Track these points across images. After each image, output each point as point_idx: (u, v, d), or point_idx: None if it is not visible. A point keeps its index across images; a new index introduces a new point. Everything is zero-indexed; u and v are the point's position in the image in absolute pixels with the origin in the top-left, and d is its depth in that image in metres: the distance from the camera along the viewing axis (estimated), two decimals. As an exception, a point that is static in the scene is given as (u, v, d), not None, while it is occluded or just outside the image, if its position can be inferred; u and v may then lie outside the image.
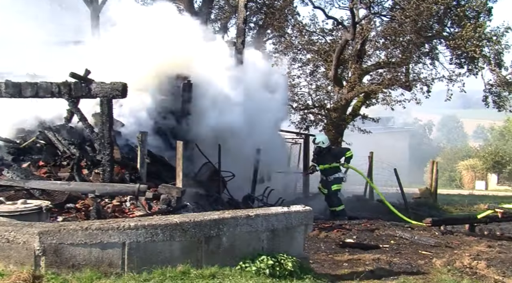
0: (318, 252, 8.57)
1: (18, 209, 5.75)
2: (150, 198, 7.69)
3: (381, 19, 18.86)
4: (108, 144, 8.09)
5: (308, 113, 21.59)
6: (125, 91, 8.09)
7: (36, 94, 8.17)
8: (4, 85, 8.13)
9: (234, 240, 5.65)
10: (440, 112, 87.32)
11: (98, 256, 5.11)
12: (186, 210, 7.66)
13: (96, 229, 5.11)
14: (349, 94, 19.24)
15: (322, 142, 12.69)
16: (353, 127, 21.56)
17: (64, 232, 5.07)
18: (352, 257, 8.19)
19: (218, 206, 9.69)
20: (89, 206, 7.33)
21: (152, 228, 5.23)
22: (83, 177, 8.24)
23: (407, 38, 17.45)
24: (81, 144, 9.09)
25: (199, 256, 5.45)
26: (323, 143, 12.66)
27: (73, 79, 8.09)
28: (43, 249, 5.00)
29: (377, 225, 10.91)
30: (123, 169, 8.65)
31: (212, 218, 5.58)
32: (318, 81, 21.77)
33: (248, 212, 5.93)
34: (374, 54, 20.73)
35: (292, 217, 6.09)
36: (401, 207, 14.44)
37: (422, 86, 19.79)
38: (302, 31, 20.34)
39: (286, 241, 6.04)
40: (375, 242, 9.47)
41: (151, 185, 8.17)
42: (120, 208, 7.60)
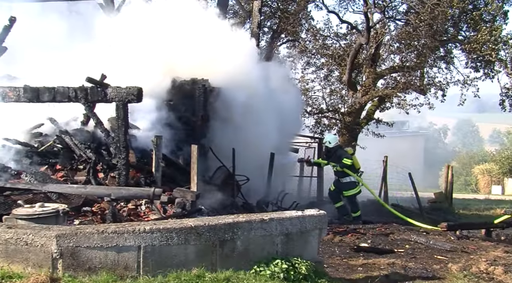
0: (332, 256, 8.56)
1: (36, 212, 5.82)
2: (165, 201, 7.73)
3: (395, 23, 18.87)
4: (124, 148, 8.16)
5: (322, 117, 21.61)
6: (141, 95, 8.16)
7: (53, 99, 8.27)
8: (22, 90, 8.24)
9: (248, 244, 5.67)
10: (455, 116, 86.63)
11: (114, 259, 5.15)
12: (200, 214, 7.69)
13: (112, 233, 5.16)
14: (363, 98, 19.22)
15: (328, 142, 12.53)
16: (367, 131, 21.53)
17: (81, 235, 5.12)
18: (367, 262, 8.16)
19: (233, 210, 9.72)
20: (105, 209, 7.39)
21: (167, 232, 5.27)
22: (99, 181, 8.32)
23: (422, 42, 17.41)
24: (97, 148, 9.17)
25: (213, 260, 5.47)
26: (329, 142, 12.48)
27: (90, 83, 8.18)
28: (60, 252, 5.06)
29: (392, 230, 10.86)
30: (138, 173, 8.72)
31: (227, 222, 5.61)
32: (332, 85, 21.80)
33: (263, 216, 5.94)
34: (389, 58, 20.72)
35: (306, 221, 6.09)
36: (416, 212, 14.37)
37: (436, 90, 19.72)
38: (316, 36, 20.39)
39: (300, 245, 6.04)
40: (390, 247, 9.43)
41: (166, 188, 8.22)
42: (135, 212, 7.66)
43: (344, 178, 12.22)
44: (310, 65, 21.68)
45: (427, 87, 19.54)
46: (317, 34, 20.43)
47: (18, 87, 8.39)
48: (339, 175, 12.36)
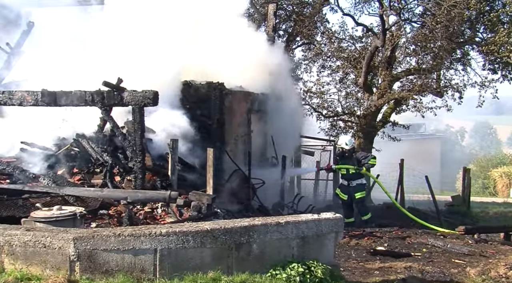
0: (348, 260, 8.52)
1: (53, 215, 5.87)
2: (181, 205, 7.75)
3: (411, 25, 18.75)
4: (140, 152, 8.20)
5: (337, 120, 21.54)
6: (157, 99, 8.20)
7: (70, 103, 8.35)
8: (40, 94, 8.33)
9: (264, 247, 5.66)
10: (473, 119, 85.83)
11: (130, 262, 5.18)
12: (216, 217, 7.71)
13: (129, 236, 5.19)
14: (379, 101, 19.13)
15: (345, 143, 12.12)
16: (383, 134, 21.42)
17: (98, 238, 5.16)
18: (384, 265, 8.12)
19: (248, 213, 9.72)
20: (122, 212, 7.43)
21: (183, 235, 5.29)
22: (115, 184, 8.37)
23: (438, 44, 17.27)
24: (114, 151, 9.23)
25: (229, 263, 5.48)
26: (346, 144, 12.09)
27: (106, 87, 8.24)
28: (78, 255, 5.11)
29: (409, 233, 10.78)
30: (155, 176, 8.76)
31: (243, 225, 5.61)
32: (347, 88, 21.72)
33: (278, 219, 5.94)
34: (405, 60, 20.61)
35: (322, 224, 6.07)
36: (433, 215, 14.25)
37: (453, 93, 19.57)
38: (332, 38, 20.34)
39: (316, 249, 6.02)
40: (406, 250, 9.36)
41: (182, 192, 8.25)
42: (151, 215, 7.69)
43: (356, 180, 11.94)
44: (326, 68, 21.62)
45: (444, 89, 19.39)
46: (333, 37, 20.38)
47: (36, 91, 8.48)
48: (350, 178, 12.11)
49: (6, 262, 5.22)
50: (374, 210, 14.61)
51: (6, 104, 8.62)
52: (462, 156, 62.12)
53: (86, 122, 10.23)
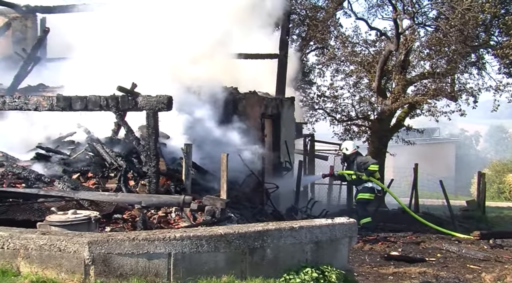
0: (362, 265, 8.50)
1: (68, 219, 5.91)
2: (195, 209, 7.76)
3: (425, 29, 18.66)
4: (154, 156, 8.23)
5: (351, 125, 21.49)
6: (171, 103, 8.22)
7: (85, 107, 8.40)
8: (55, 99, 8.40)
9: (278, 251, 5.66)
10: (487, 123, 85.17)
11: (144, 266, 5.20)
12: (230, 222, 7.71)
13: (143, 240, 5.21)
14: (393, 105, 19.05)
15: (345, 148, 12.09)
16: (397, 138, 21.33)
17: (112, 242, 5.19)
18: (398, 270, 8.08)
19: (262, 217, 9.71)
20: (136, 216, 7.46)
21: (197, 239, 5.30)
22: (129, 189, 8.40)
23: (453, 48, 17.17)
24: (128, 156, 9.28)
25: (243, 268, 5.48)
26: (346, 149, 12.05)
27: (120, 92, 8.29)
28: (93, 259, 5.13)
29: (423, 238, 10.73)
30: (169, 181, 8.78)
31: (256, 229, 5.61)
32: (361, 92, 21.67)
33: (292, 223, 5.93)
34: (419, 64, 20.51)
35: (336, 229, 6.06)
36: (448, 220, 14.15)
37: (468, 97, 19.44)
38: (345, 43, 20.31)
39: (330, 253, 6.01)
40: (421, 255, 9.32)
41: (196, 196, 8.27)
42: (165, 219, 7.71)
43: (360, 185, 11.81)
44: (339, 72, 21.60)
45: (458, 93, 19.27)
46: (346, 41, 20.35)
47: (51, 96, 8.56)
48: (355, 183, 12.00)
49: (22, 265, 5.27)
50: (388, 215, 14.54)
51: (22, 109, 8.70)
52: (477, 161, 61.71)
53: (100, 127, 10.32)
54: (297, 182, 14.03)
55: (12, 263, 5.29)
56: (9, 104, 8.61)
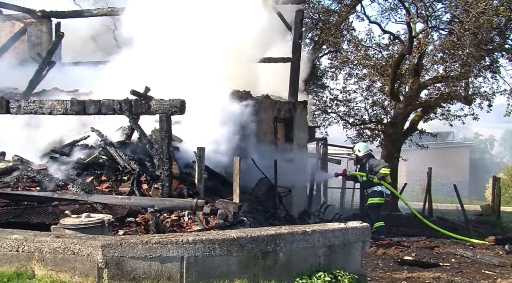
0: (375, 269, 8.45)
1: (82, 223, 5.95)
2: (207, 213, 7.77)
3: (439, 32, 18.54)
4: (167, 160, 8.26)
5: (364, 128, 21.42)
6: (184, 107, 8.24)
7: (99, 111, 8.45)
8: (69, 103, 8.46)
9: (290, 255, 5.65)
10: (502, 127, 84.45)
11: (157, 269, 5.22)
12: (243, 225, 7.71)
13: (156, 243, 5.23)
14: (406, 109, 18.96)
15: (358, 150, 12.03)
16: (410, 142, 21.22)
17: (125, 245, 5.21)
18: (411, 275, 8.02)
19: (275, 221, 9.70)
20: (149, 220, 7.48)
21: (209, 243, 5.31)
22: (143, 192, 8.43)
23: (467, 51, 17.04)
24: (141, 159, 9.32)
25: (256, 272, 5.48)
26: (358, 151, 11.99)
27: (134, 96, 8.33)
28: (106, 262, 5.16)
29: (437, 243, 10.65)
30: (181, 184, 8.80)
31: (269, 233, 5.61)
32: (374, 96, 21.60)
33: (305, 227, 5.93)
34: (432, 68, 20.38)
35: (349, 233, 6.04)
36: (462, 225, 14.03)
37: (482, 101, 19.30)
38: (358, 46, 20.26)
39: (343, 258, 5.99)
40: (435, 260, 9.24)
41: (209, 200, 8.28)
42: (178, 223, 7.72)
43: (371, 187, 11.67)
44: (352, 76, 21.56)
45: (472, 97, 19.13)
46: (359, 45, 20.29)
47: (65, 100, 8.62)
48: (363, 185, 11.90)
49: (36, 268, 5.31)
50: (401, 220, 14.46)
51: (37, 113, 8.77)
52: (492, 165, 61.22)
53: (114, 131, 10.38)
54: (310, 186, 14.00)
55: (27, 265, 5.33)
56: (24, 108, 8.69)
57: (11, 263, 5.37)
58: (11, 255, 5.40)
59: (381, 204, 11.76)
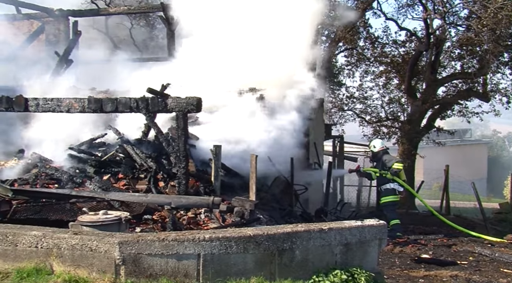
0: (392, 267, 8.40)
1: (99, 220, 5.99)
2: (224, 210, 7.78)
3: (456, 29, 18.38)
4: (183, 157, 8.29)
5: (381, 126, 21.32)
6: (200, 105, 8.27)
7: (116, 109, 8.49)
8: (87, 101, 8.53)
9: (307, 253, 5.65)
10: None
11: (174, 266, 5.24)
12: (259, 223, 7.71)
13: (172, 241, 5.25)
14: (423, 106, 18.83)
15: (373, 146, 11.86)
16: (427, 139, 21.08)
17: (142, 242, 5.24)
18: (429, 273, 7.97)
19: (291, 219, 9.69)
20: (165, 217, 7.51)
21: (226, 241, 5.32)
22: (159, 190, 8.47)
23: (485, 47, 16.88)
24: (158, 157, 9.36)
25: (272, 269, 5.48)
26: (374, 146, 11.82)
27: (150, 94, 8.37)
28: (123, 259, 5.20)
29: (455, 241, 10.56)
30: (198, 182, 8.83)
31: (285, 231, 5.61)
32: (391, 93, 21.49)
33: (321, 225, 5.91)
34: (449, 64, 20.22)
35: (366, 231, 6.02)
36: (480, 223, 13.90)
37: (501, 97, 19.10)
38: (375, 43, 20.17)
39: (359, 256, 5.97)
40: (452, 258, 9.17)
41: (225, 197, 8.29)
42: (195, 220, 7.75)
43: (384, 185, 11.48)
44: (369, 73, 21.46)
45: (491, 94, 18.94)
46: (375, 42, 20.20)
47: (83, 98, 8.69)
48: (377, 182, 11.79)
49: (55, 265, 5.36)
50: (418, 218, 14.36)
51: (54, 111, 8.85)
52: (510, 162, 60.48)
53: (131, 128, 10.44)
54: (327, 183, 13.96)
55: (45, 262, 5.39)
56: (43, 106, 8.78)
57: (30, 259, 5.43)
58: (30, 251, 5.46)
59: (396, 201, 11.61)
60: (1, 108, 9.12)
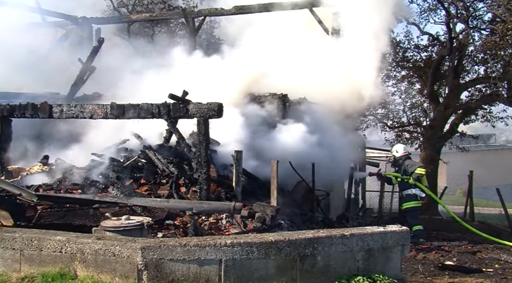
0: (415, 274, 8.31)
1: (122, 225, 6.04)
2: (245, 216, 7.79)
3: (479, 33, 18.16)
4: (205, 163, 8.31)
5: (403, 131, 21.14)
6: (221, 111, 8.30)
7: (138, 115, 8.58)
8: (109, 107, 8.62)
9: (329, 259, 5.62)
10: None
11: (196, 272, 5.26)
12: (280, 229, 7.69)
13: (194, 246, 5.27)
14: (446, 111, 18.62)
15: (396, 151, 11.81)
16: (450, 145, 20.83)
17: (164, 247, 5.27)
18: (453, 281, 7.86)
19: (312, 224, 9.65)
20: (187, 223, 7.54)
21: (247, 246, 5.32)
22: (181, 195, 8.50)
23: (509, 51, 16.64)
24: (179, 163, 9.40)
25: (294, 275, 5.46)
26: (396, 151, 11.77)
27: (172, 100, 8.42)
28: (145, 264, 5.23)
29: (479, 248, 10.40)
30: (219, 187, 8.85)
31: (307, 237, 5.59)
32: (413, 98, 21.31)
33: (343, 231, 5.89)
34: (473, 69, 19.98)
35: (388, 237, 5.97)
36: (506, 230, 13.68)
37: (526, 102, 18.78)
38: (396, 48, 20.02)
39: (382, 262, 5.92)
40: (477, 266, 9.02)
41: (246, 203, 8.29)
42: (216, 226, 7.76)
43: (405, 190, 11.40)
44: (390, 78, 21.30)
45: (516, 98, 18.65)
46: (397, 47, 20.05)
47: (105, 105, 8.78)
48: (399, 187, 11.69)
49: (78, 269, 5.42)
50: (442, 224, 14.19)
51: (78, 117, 8.97)
52: (537, 168, 59.39)
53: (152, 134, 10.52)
54: (349, 189, 13.88)
55: (69, 266, 5.46)
56: (66, 113, 8.91)
57: (54, 264, 5.51)
58: (55, 256, 5.53)
59: (418, 207, 11.51)
60: (27, 115, 9.28)
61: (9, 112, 9.48)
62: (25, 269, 5.64)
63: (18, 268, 5.68)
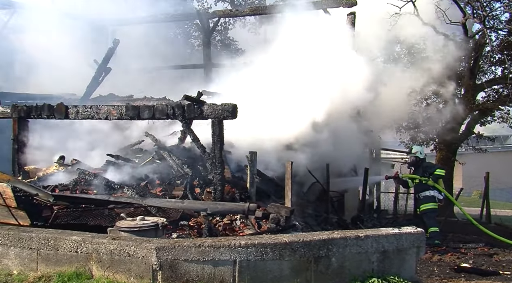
0: (431, 276, 8.25)
1: (137, 225, 6.07)
2: (259, 217, 7.79)
3: (496, 33, 17.97)
4: (219, 164, 8.33)
5: (418, 132, 20.98)
6: (235, 112, 8.31)
7: (153, 116, 8.62)
8: (124, 108, 8.68)
9: (343, 261, 5.60)
10: None
11: (210, 272, 5.26)
12: (295, 230, 7.68)
13: (209, 247, 5.28)
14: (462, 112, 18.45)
15: (420, 152, 11.53)
16: (467, 146, 20.64)
17: (179, 248, 5.29)
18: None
19: (327, 226, 9.63)
20: (201, 223, 7.56)
21: (262, 247, 5.32)
22: (195, 196, 8.53)
23: (527, 51, 16.46)
24: (194, 163, 9.43)
25: (308, 276, 5.45)
26: (420, 153, 11.52)
27: (187, 101, 8.45)
28: (160, 264, 5.25)
29: (496, 250, 10.28)
30: (234, 188, 8.86)
31: (321, 238, 5.58)
32: (428, 99, 21.14)
33: (358, 232, 5.86)
34: (489, 70, 19.78)
35: (403, 239, 5.93)
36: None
37: (544, 103, 18.55)
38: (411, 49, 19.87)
39: (397, 264, 5.88)
40: (494, 268, 8.93)
41: (260, 204, 8.30)
42: (230, 227, 7.77)
43: (423, 192, 11.24)
44: (406, 79, 21.13)
45: (534, 99, 18.42)
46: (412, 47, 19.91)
47: (120, 106, 8.84)
48: (416, 189, 11.60)
49: (94, 269, 5.46)
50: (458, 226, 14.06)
51: (93, 118, 9.04)
52: (555, 169, 58.68)
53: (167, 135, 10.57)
54: (363, 190, 13.82)
55: (85, 266, 5.50)
56: (82, 114, 8.99)
57: (70, 263, 5.55)
58: (71, 256, 5.58)
59: (435, 209, 11.40)
60: (43, 116, 9.38)
61: (26, 113, 9.59)
62: (41, 269, 5.69)
63: (35, 268, 5.74)
